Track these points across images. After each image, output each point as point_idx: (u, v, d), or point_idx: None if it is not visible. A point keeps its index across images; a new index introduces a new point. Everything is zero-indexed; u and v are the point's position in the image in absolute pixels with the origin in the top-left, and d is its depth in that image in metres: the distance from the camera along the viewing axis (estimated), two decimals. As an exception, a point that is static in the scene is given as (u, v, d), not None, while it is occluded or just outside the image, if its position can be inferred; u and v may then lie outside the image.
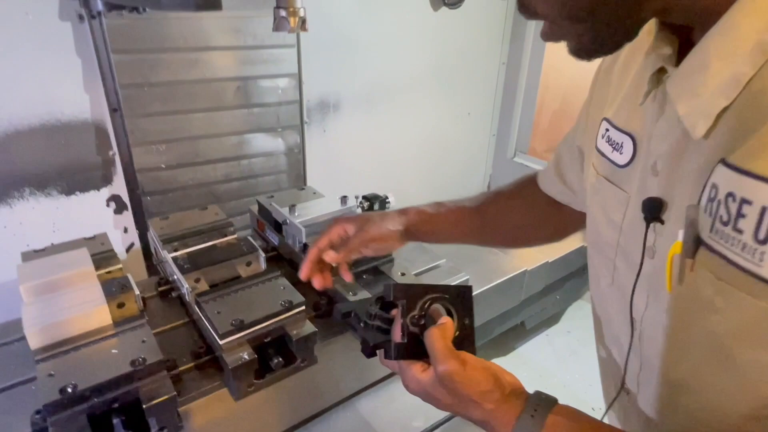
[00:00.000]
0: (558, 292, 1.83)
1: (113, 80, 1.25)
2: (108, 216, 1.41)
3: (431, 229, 0.93)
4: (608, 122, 0.61)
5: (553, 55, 2.13)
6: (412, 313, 0.58)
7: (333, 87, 1.73)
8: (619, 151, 0.58)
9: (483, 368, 0.53)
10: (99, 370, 0.76)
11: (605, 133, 0.61)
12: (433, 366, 0.54)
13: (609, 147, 0.60)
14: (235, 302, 0.92)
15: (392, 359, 0.59)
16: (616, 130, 0.59)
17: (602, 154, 0.61)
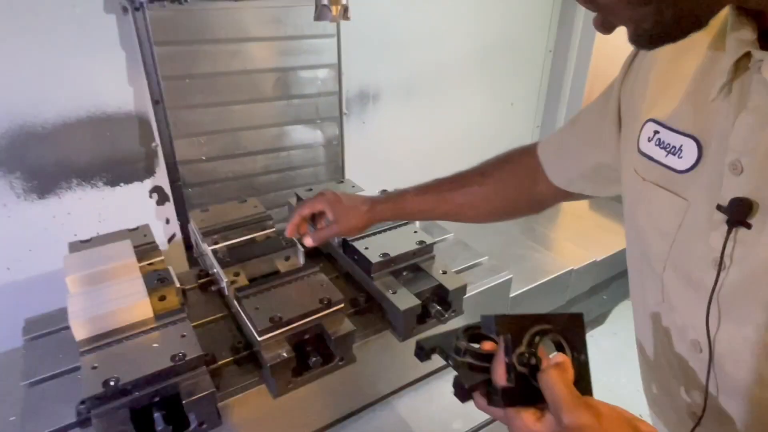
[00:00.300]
0: (605, 292, 1.75)
1: (156, 72, 1.26)
2: (150, 207, 1.43)
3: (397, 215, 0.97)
4: (657, 123, 0.55)
5: (604, 43, 2.01)
6: (518, 349, 0.48)
7: (373, 78, 1.69)
8: (677, 155, 0.52)
9: (620, 419, 0.44)
10: (140, 365, 0.76)
11: (653, 136, 0.55)
12: (555, 415, 0.45)
13: (661, 151, 0.54)
14: (274, 298, 0.91)
15: (498, 406, 0.49)
16: (672, 132, 0.53)
17: (650, 159, 0.55)
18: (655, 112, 0.56)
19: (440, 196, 0.90)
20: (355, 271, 1.10)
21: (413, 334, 1.02)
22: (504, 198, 0.88)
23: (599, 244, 1.68)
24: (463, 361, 0.53)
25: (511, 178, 0.87)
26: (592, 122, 0.72)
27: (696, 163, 0.51)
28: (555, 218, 1.94)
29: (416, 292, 1.01)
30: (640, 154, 0.57)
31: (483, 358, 0.52)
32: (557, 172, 0.79)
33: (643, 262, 0.60)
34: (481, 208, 0.90)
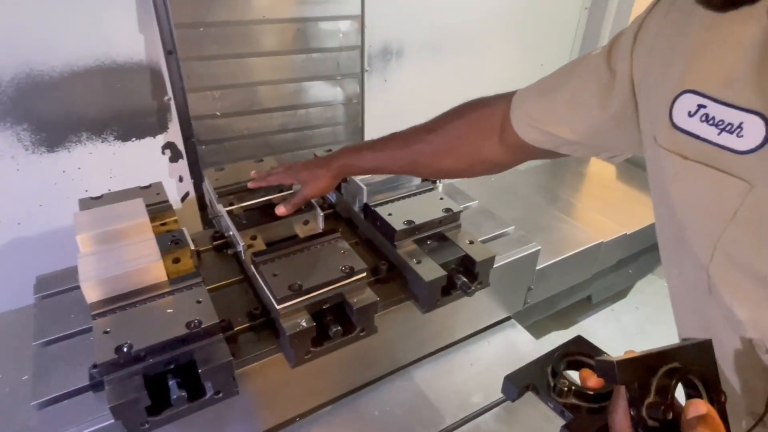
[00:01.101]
0: (631, 266, 1.68)
1: (168, 19, 1.18)
2: (163, 164, 1.37)
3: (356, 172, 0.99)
4: (702, 96, 0.47)
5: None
6: (647, 399, 0.39)
7: (397, 32, 1.59)
8: (735, 133, 0.45)
9: None
10: (154, 331, 0.72)
11: (697, 110, 0.47)
12: None
13: (711, 128, 0.46)
14: (294, 264, 0.86)
15: None
16: (728, 107, 0.45)
17: (695, 136, 0.48)
18: (694, 82, 0.48)
19: (393, 153, 0.87)
20: (377, 238, 1.05)
21: (437, 306, 0.97)
22: (455, 157, 0.81)
23: (628, 215, 1.60)
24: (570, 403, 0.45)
25: (463, 135, 0.79)
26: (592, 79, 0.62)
27: (765, 143, 0.43)
28: (579, 186, 1.86)
29: (441, 262, 0.95)
30: (677, 129, 0.49)
31: (593, 399, 0.44)
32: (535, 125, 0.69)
33: (679, 248, 0.53)
34: (432, 166, 0.85)
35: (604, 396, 0.44)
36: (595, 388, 0.44)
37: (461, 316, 1.14)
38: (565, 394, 0.45)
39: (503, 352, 1.19)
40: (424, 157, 0.83)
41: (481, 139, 0.77)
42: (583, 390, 0.44)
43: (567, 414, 0.45)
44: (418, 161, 0.85)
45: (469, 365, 1.15)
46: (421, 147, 0.83)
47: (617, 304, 1.87)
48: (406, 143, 0.85)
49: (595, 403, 0.43)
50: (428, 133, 0.82)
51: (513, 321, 1.27)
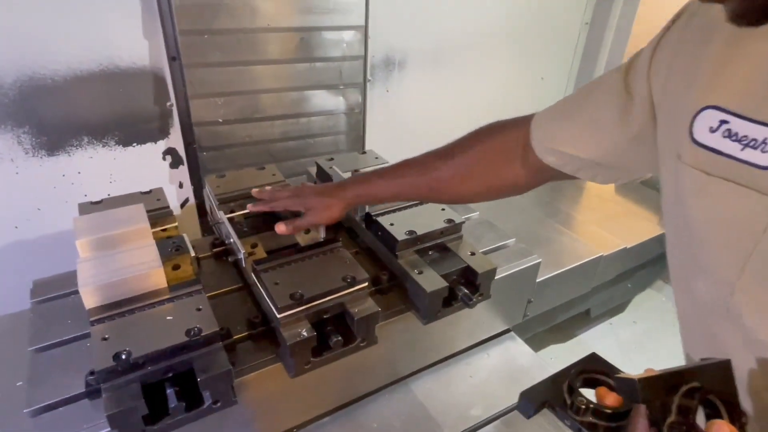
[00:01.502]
0: (630, 280, 1.69)
1: (173, 25, 1.18)
2: (164, 169, 1.37)
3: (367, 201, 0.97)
4: (724, 111, 0.47)
5: (648, 15, 1.89)
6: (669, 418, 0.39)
7: (400, 43, 1.60)
8: (759, 149, 0.44)
9: None
10: (153, 338, 0.71)
11: (719, 126, 0.47)
12: None
13: (735, 144, 0.46)
14: (295, 273, 0.86)
15: None
16: (752, 123, 0.45)
17: (717, 152, 0.47)
18: (716, 98, 0.48)
19: (411, 180, 0.84)
20: (378, 248, 1.05)
21: (438, 317, 0.96)
22: (476, 181, 0.80)
23: (628, 229, 1.61)
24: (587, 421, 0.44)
25: (483, 160, 0.78)
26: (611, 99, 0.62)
27: None
28: (579, 200, 1.86)
29: (443, 273, 0.95)
30: (698, 145, 0.49)
31: (610, 417, 0.43)
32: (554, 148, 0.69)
33: (693, 266, 0.53)
34: (452, 192, 0.83)
35: (621, 415, 0.43)
36: (612, 407, 0.43)
37: (461, 327, 1.13)
38: (583, 412, 0.44)
39: (502, 365, 1.18)
40: (444, 184, 0.82)
41: (503, 164, 0.76)
42: (601, 408, 0.44)
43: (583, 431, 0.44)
44: (438, 188, 0.83)
45: (469, 377, 1.14)
46: (440, 173, 0.81)
47: (615, 318, 1.87)
48: (423, 170, 0.83)
49: (613, 422, 0.42)
50: (447, 158, 0.81)
51: (512, 334, 1.26)
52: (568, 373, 0.48)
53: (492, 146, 0.78)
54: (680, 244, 0.55)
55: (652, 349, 1.73)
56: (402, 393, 1.09)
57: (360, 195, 0.90)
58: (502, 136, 0.77)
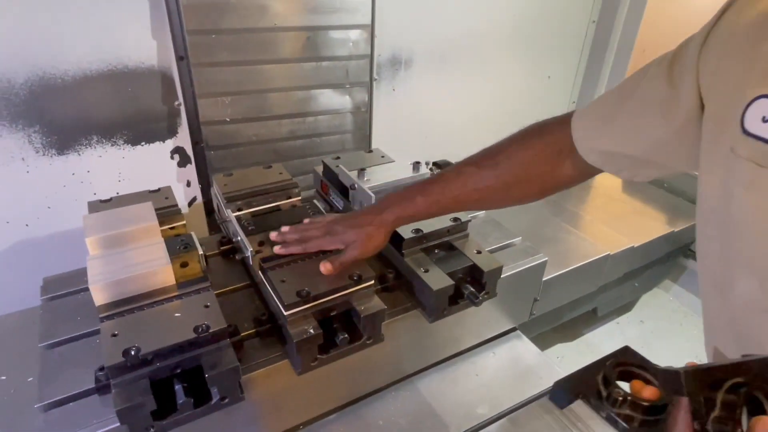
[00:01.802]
0: (637, 279, 1.68)
1: (181, 26, 1.19)
2: (172, 168, 1.38)
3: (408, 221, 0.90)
4: None
5: (656, 13, 1.88)
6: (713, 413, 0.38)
7: (406, 42, 1.60)
8: None
9: None
10: (162, 335, 0.72)
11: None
12: None
13: None
14: (301, 271, 0.86)
15: None
16: None
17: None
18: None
19: (449, 195, 0.82)
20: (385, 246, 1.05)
21: (444, 315, 0.97)
22: (525, 185, 0.79)
23: (635, 228, 1.60)
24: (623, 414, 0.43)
25: (532, 164, 0.77)
26: (654, 92, 0.61)
27: None
28: (585, 198, 1.86)
29: (449, 271, 0.95)
30: (748, 135, 0.48)
31: (648, 411, 0.43)
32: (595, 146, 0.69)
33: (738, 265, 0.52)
34: (501, 198, 0.82)
35: (658, 409, 0.43)
36: (650, 400, 0.43)
37: (467, 326, 1.14)
38: (620, 404, 0.44)
39: (508, 364, 1.18)
40: (492, 193, 0.80)
41: (552, 166, 0.76)
42: (638, 401, 0.43)
43: (621, 424, 0.44)
44: (485, 197, 0.82)
45: (475, 376, 1.14)
46: (486, 183, 0.79)
47: (622, 318, 1.86)
48: (466, 181, 0.81)
49: (650, 415, 0.42)
50: (491, 167, 0.79)
51: (519, 332, 1.26)
52: (602, 365, 0.47)
53: (540, 149, 0.76)
54: (723, 241, 0.54)
55: (659, 348, 1.72)
56: (408, 391, 1.09)
57: (401, 217, 0.86)
58: (549, 137, 0.75)
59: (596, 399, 0.46)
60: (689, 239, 1.79)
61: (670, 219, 1.69)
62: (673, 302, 1.94)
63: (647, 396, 0.43)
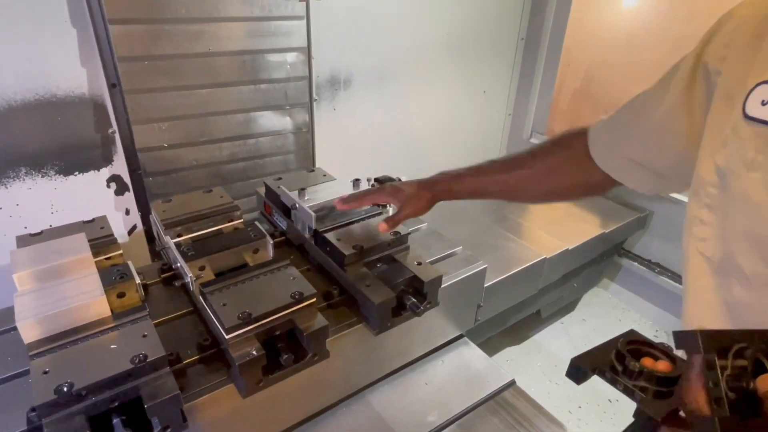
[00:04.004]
0: (576, 279, 1.77)
1: (111, 53, 1.18)
2: (109, 197, 1.35)
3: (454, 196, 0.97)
4: None
5: (576, 31, 2.01)
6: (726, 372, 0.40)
7: (344, 62, 1.64)
8: None
9: None
10: (97, 368, 0.71)
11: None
12: None
13: None
14: (243, 293, 0.87)
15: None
16: None
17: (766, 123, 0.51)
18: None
19: (494, 177, 0.91)
20: (328, 263, 1.07)
21: (388, 327, 0.99)
22: (554, 182, 0.87)
23: (570, 232, 1.70)
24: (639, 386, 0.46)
25: (561, 162, 0.85)
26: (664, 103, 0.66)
27: None
28: (526, 206, 1.95)
29: (391, 284, 0.98)
30: (748, 119, 0.52)
31: (662, 382, 0.45)
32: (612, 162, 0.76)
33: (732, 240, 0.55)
34: (532, 190, 0.90)
35: (671, 380, 0.45)
36: (664, 372, 0.45)
37: (414, 336, 1.16)
38: (636, 376, 0.46)
39: (457, 370, 1.21)
40: (526, 181, 0.88)
41: (575, 166, 0.82)
42: (653, 372, 0.46)
43: (638, 394, 0.46)
44: (520, 185, 0.89)
45: (424, 384, 1.17)
46: (523, 171, 0.88)
47: (566, 317, 1.94)
48: (507, 168, 0.90)
49: (664, 386, 0.45)
50: (529, 159, 0.88)
51: (466, 339, 1.30)
52: (614, 344, 0.50)
53: (568, 152, 0.83)
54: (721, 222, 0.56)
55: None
56: (360, 405, 1.10)
57: (446, 190, 0.95)
58: (576, 143, 0.82)
59: (611, 373, 0.49)
60: (621, 239, 1.91)
61: (603, 221, 1.80)
62: (612, 299, 2.05)
63: (661, 368, 0.46)
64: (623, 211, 1.88)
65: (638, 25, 1.91)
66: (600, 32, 2.03)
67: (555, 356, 1.71)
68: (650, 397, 0.45)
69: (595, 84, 2.10)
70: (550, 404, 1.17)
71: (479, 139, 2.26)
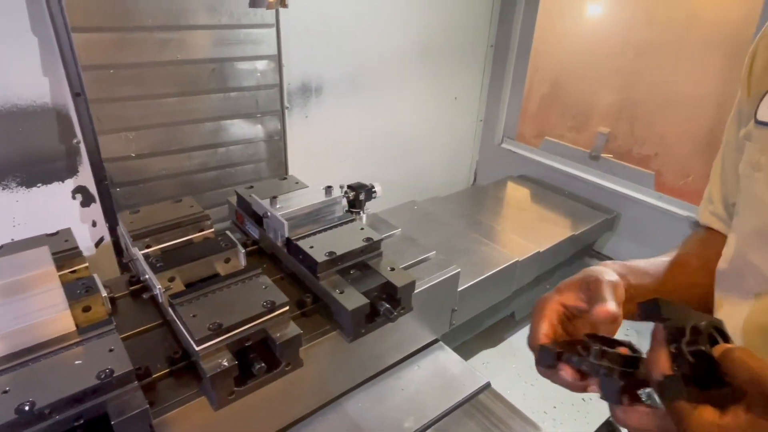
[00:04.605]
0: (549, 281, 1.80)
1: (75, 62, 1.15)
2: (74, 209, 1.31)
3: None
4: None
5: (543, 38, 2.07)
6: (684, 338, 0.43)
7: (315, 70, 1.64)
8: None
9: None
10: (60, 385, 0.69)
11: None
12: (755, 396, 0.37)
13: None
14: (213, 304, 0.85)
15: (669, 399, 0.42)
16: None
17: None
18: None
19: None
20: (301, 272, 1.06)
21: (363, 334, 0.99)
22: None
23: (541, 234, 1.73)
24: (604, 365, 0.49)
25: None
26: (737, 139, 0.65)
27: None
28: (498, 210, 1.97)
29: (364, 290, 0.98)
30: (759, 124, 0.55)
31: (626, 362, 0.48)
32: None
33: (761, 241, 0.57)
34: None
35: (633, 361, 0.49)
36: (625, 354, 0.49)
37: (389, 342, 1.17)
38: (599, 357, 0.49)
39: (433, 375, 1.22)
40: None
41: None
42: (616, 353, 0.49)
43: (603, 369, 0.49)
44: None
45: (401, 390, 1.17)
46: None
47: (539, 319, 1.97)
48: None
49: (628, 367, 0.48)
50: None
51: (441, 343, 1.31)
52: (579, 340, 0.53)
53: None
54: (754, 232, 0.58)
55: (575, 344, 1.84)
56: (336, 413, 1.10)
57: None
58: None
59: (577, 357, 0.51)
60: (591, 240, 1.96)
61: (573, 223, 1.84)
62: (584, 300, 2.09)
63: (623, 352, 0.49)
64: (592, 213, 1.92)
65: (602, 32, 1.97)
66: (566, 39, 2.08)
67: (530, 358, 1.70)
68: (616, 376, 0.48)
69: (562, 89, 2.16)
70: (525, 405, 1.18)
71: (452, 145, 2.29)
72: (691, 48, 1.65)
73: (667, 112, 1.81)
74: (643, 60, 1.80)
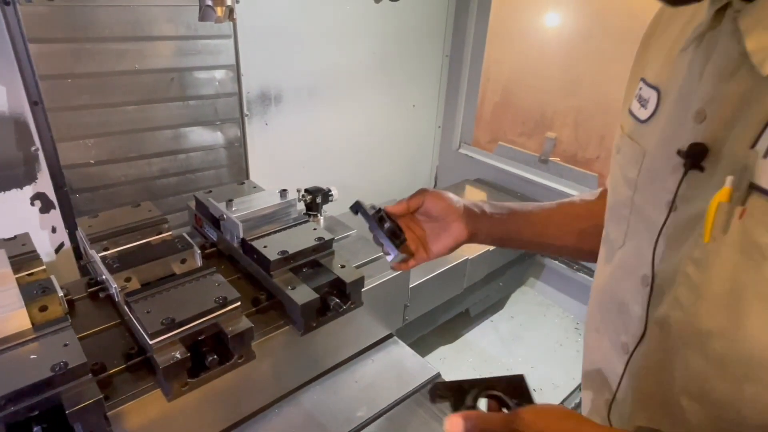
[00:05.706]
0: (501, 279, 1.89)
1: (32, 71, 1.18)
2: (34, 215, 1.33)
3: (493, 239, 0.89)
4: (643, 81, 0.59)
5: (495, 49, 2.17)
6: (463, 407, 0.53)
7: (274, 79, 1.70)
8: (645, 106, 0.56)
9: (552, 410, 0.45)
10: (15, 378, 0.72)
11: (638, 92, 0.59)
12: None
13: (637, 105, 0.58)
14: (167, 300, 0.90)
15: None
16: (647, 87, 0.57)
17: (631, 114, 0.60)
18: (645, 71, 0.59)
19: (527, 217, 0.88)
20: (256, 271, 1.11)
21: (314, 327, 1.05)
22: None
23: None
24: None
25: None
26: None
27: (653, 114, 0.55)
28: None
29: (315, 286, 1.04)
30: (628, 111, 0.60)
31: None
32: None
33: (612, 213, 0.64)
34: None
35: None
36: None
37: (343, 336, 1.22)
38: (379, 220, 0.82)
39: (386, 368, 1.28)
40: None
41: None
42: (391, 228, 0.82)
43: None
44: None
45: (354, 383, 1.23)
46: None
47: (495, 315, 2.06)
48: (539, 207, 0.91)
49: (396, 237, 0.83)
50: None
51: (395, 338, 1.37)
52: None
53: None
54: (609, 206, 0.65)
55: (529, 338, 1.94)
56: (292, 406, 1.15)
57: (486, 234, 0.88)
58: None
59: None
60: (542, 240, 2.06)
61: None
62: (538, 296, 2.20)
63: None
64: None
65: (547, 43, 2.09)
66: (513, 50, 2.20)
67: (485, 352, 1.82)
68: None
69: (513, 96, 2.27)
70: (475, 395, 1.25)
71: (412, 151, 2.37)
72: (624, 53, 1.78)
73: (605, 116, 1.94)
74: (583, 68, 1.93)
